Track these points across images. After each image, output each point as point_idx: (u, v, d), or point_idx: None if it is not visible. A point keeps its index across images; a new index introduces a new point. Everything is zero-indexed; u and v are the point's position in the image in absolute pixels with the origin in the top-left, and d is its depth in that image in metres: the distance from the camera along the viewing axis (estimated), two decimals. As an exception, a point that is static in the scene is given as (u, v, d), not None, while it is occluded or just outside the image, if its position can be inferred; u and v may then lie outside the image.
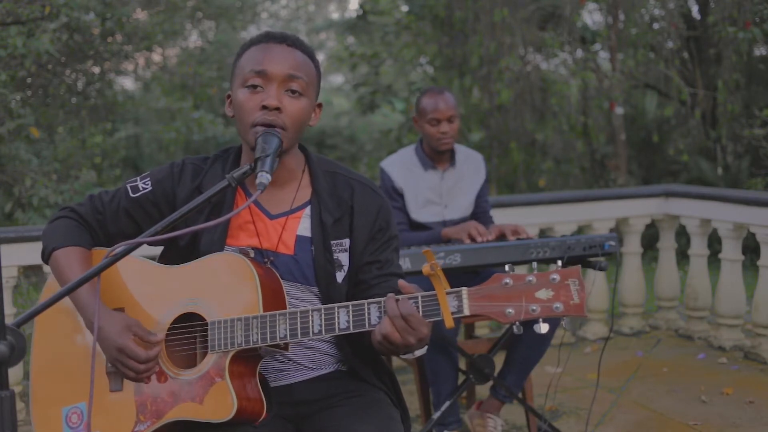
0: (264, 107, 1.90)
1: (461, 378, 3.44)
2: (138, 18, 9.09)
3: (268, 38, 1.97)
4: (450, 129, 3.57)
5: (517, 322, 1.69)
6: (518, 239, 3.33)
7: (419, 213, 3.63)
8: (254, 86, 1.92)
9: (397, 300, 1.72)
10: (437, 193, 3.66)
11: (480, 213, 3.78)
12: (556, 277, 1.67)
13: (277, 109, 1.90)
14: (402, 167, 3.66)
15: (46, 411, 1.96)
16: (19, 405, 3.86)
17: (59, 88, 7.82)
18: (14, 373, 3.96)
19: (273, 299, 1.86)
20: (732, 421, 3.74)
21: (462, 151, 3.76)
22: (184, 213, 1.77)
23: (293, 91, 1.93)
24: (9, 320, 2.33)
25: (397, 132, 11.22)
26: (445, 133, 3.57)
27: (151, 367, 1.87)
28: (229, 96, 2.03)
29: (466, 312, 1.70)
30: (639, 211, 5.23)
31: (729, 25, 7.77)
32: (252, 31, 17.49)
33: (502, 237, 3.41)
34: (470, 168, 3.75)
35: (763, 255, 4.56)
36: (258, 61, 1.93)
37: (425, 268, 1.68)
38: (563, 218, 5.06)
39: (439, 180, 3.67)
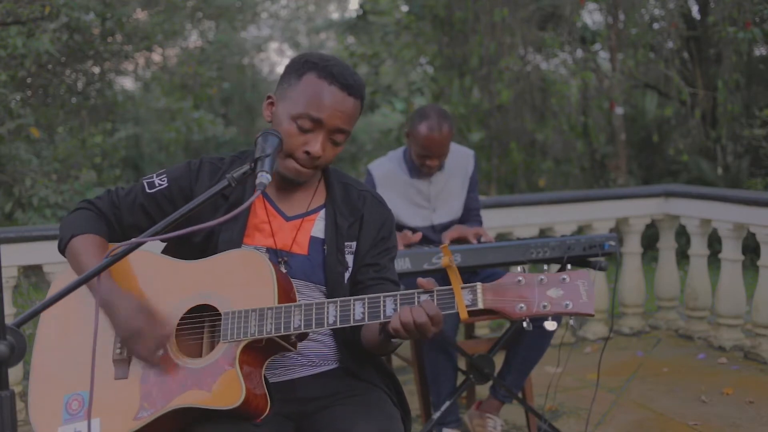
0: (307, 152, 1.97)
1: (461, 378, 3.44)
2: (138, 18, 9.09)
3: (333, 79, 1.97)
4: (438, 163, 3.54)
5: (527, 319, 1.74)
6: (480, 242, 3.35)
7: (408, 217, 3.60)
8: (305, 128, 1.97)
9: (422, 306, 1.77)
10: (425, 198, 3.64)
11: (465, 212, 3.74)
12: (566, 277, 1.74)
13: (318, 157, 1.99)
14: (389, 173, 3.62)
15: (45, 398, 1.96)
16: (19, 405, 3.86)
17: (59, 88, 7.82)
18: (14, 373, 3.96)
19: (285, 299, 1.89)
20: (732, 421, 3.74)
21: (451, 152, 3.66)
22: (185, 212, 1.78)
23: (336, 142, 2.01)
24: (9, 320, 2.33)
25: (397, 132, 11.22)
26: (430, 167, 3.54)
27: (161, 349, 1.87)
28: (270, 98, 2.07)
29: (480, 305, 1.75)
30: (639, 211, 5.22)
31: (729, 25, 7.76)
32: (252, 31, 17.49)
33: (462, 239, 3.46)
34: (459, 167, 3.70)
35: (763, 255, 4.56)
36: (317, 105, 1.96)
37: (444, 260, 1.75)
38: (563, 218, 5.06)
39: (427, 185, 3.64)
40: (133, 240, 1.70)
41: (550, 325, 1.75)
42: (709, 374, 4.41)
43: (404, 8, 10.93)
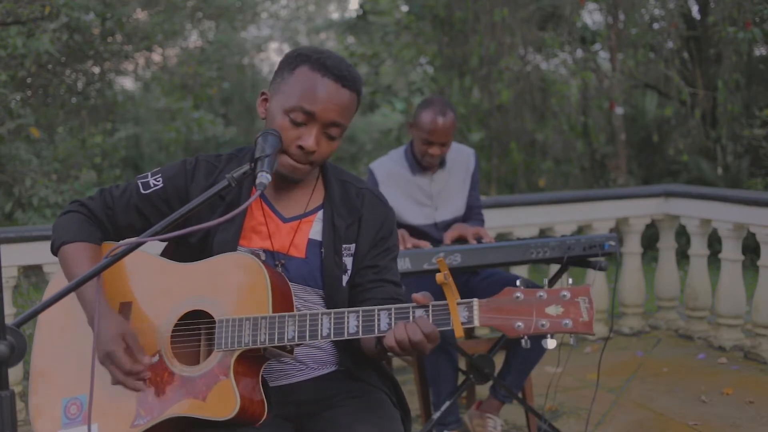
0: (300, 147, 1.92)
1: (461, 378, 3.44)
2: (138, 18, 9.09)
3: (326, 71, 1.92)
4: (441, 152, 3.55)
5: (525, 337, 1.70)
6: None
7: (410, 215, 3.61)
8: (298, 121, 1.92)
9: (414, 321, 1.74)
10: (427, 195, 3.64)
11: (467, 210, 3.74)
12: (567, 294, 1.68)
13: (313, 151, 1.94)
14: (391, 171, 3.63)
15: (45, 401, 1.95)
16: (19, 405, 3.86)
17: (59, 88, 7.82)
18: (14, 373, 3.96)
19: (282, 302, 1.87)
20: (732, 421, 3.74)
21: (452, 150, 3.69)
22: (184, 212, 1.77)
23: (331, 136, 1.96)
24: (9, 320, 2.34)
25: (397, 132, 11.22)
26: (434, 155, 3.55)
27: (134, 378, 1.86)
28: (264, 95, 2.02)
29: (476, 323, 1.70)
30: (639, 211, 5.22)
31: (729, 25, 7.77)
32: (252, 31, 17.48)
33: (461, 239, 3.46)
34: (461, 165, 3.71)
35: (763, 255, 4.56)
36: (310, 98, 1.91)
37: (439, 277, 1.69)
38: (563, 218, 5.06)
39: (428, 183, 3.64)
40: (133, 240, 1.69)
41: (550, 343, 1.70)
42: (709, 374, 4.41)
43: (404, 8, 10.93)
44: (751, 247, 5.85)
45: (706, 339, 4.95)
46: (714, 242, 5.23)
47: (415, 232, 3.59)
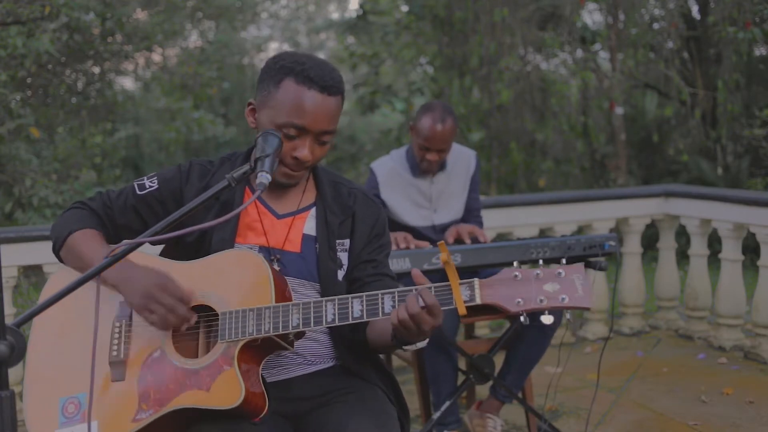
0: (296, 158, 1.97)
1: (461, 378, 3.44)
2: (138, 18, 9.09)
3: (311, 83, 1.95)
4: (438, 158, 3.54)
5: (524, 313, 1.75)
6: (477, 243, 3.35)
7: (409, 217, 3.61)
8: (290, 135, 1.96)
9: (418, 293, 1.77)
10: (427, 198, 3.65)
11: (466, 212, 3.75)
12: (562, 272, 1.76)
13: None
14: (392, 171, 3.63)
15: (40, 401, 1.95)
16: (19, 405, 3.86)
17: (59, 88, 7.82)
18: (14, 373, 3.96)
19: (282, 299, 1.90)
20: (732, 421, 3.74)
21: (453, 152, 3.69)
22: (184, 213, 1.79)
23: (323, 142, 2.01)
24: (9, 320, 2.33)
25: (397, 132, 11.23)
26: (430, 161, 3.55)
27: (179, 312, 1.86)
28: (251, 105, 2.05)
29: (478, 300, 1.76)
30: (639, 211, 5.22)
31: (729, 25, 7.77)
32: (252, 31, 17.48)
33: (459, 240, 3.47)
34: (461, 168, 3.71)
35: (763, 255, 4.56)
36: (300, 113, 1.94)
37: (443, 257, 1.77)
38: (563, 218, 5.06)
39: (428, 185, 3.65)
40: (133, 240, 1.70)
41: (546, 318, 1.76)
42: (709, 374, 4.41)
43: (404, 8, 10.94)
44: (751, 247, 5.85)
45: (706, 339, 4.95)
46: (714, 242, 5.23)
47: (413, 233, 3.59)
